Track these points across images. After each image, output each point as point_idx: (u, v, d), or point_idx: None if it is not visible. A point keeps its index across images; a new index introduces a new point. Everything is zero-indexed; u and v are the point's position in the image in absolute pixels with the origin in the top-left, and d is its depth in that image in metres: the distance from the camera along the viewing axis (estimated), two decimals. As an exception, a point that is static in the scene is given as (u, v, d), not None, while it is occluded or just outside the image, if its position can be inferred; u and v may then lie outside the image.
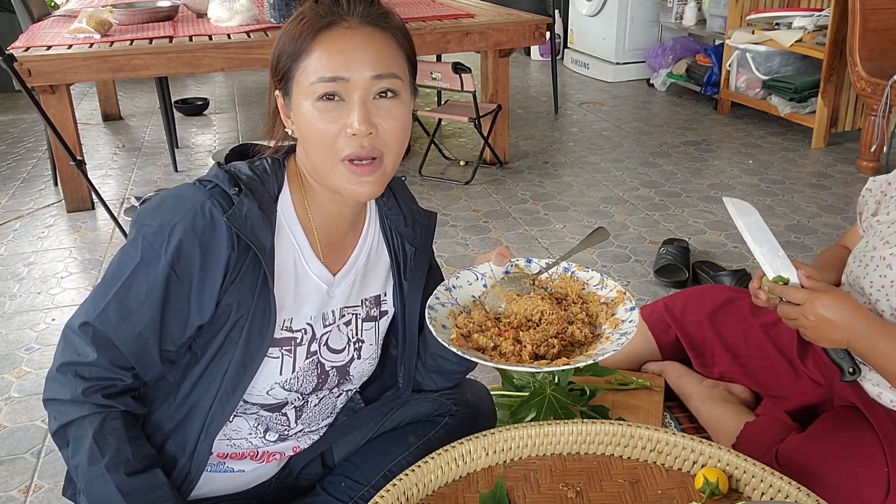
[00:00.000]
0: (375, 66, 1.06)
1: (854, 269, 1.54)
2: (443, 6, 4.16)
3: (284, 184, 1.17)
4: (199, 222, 1.06)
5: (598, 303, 1.21)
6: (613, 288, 1.23)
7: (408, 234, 1.29)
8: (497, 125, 3.89)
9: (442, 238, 3.15)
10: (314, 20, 1.06)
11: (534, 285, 1.25)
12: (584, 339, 1.16)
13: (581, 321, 1.18)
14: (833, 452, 1.31)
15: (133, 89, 5.79)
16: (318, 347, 1.22)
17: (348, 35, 1.06)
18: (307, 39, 1.06)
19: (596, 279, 1.25)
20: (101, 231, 3.30)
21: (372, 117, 1.06)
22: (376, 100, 1.07)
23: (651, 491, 1.19)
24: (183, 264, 1.06)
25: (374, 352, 1.32)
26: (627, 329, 1.13)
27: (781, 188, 3.65)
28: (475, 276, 1.24)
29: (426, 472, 1.16)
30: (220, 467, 1.28)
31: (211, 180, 1.11)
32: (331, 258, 1.22)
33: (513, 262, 1.26)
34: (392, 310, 1.32)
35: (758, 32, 4.38)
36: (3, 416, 2.08)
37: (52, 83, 3.18)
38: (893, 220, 1.51)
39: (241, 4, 3.66)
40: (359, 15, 1.07)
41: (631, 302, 1.19)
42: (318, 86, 1.05)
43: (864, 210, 1.62)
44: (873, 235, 1.53)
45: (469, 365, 1.33)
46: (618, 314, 1.18)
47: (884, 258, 1.45)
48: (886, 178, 1.61)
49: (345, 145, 1.07)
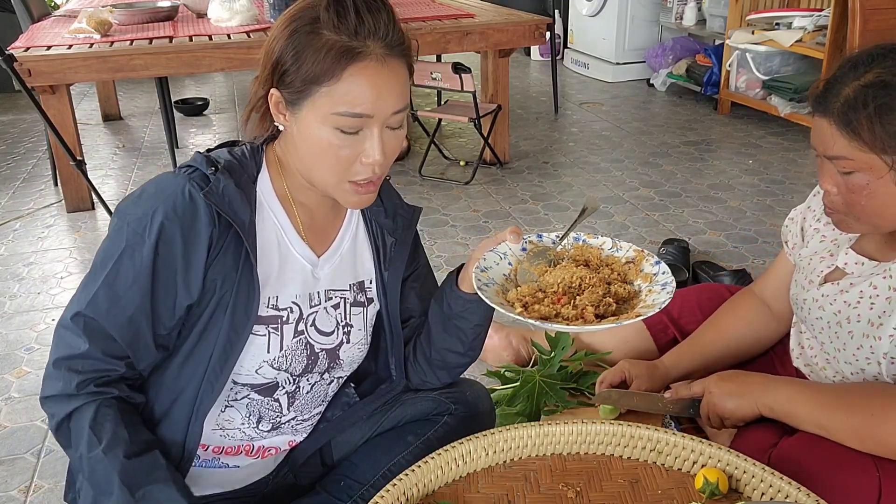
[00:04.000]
0: (397, 103, 1.10)
1: (798, 314, 1.55)
2: (443, 6, 4.16)
3: (263, 167, 1.20)
4: (179, 204, 1.09)
5: (621, 263, 1.25)
6: (629, 248, 1.27)
7: (387, 224, 1.32)
8: (497, 125, 3.89)
9: (442, 238, 3.15)
10: (339, 43, 1.05)
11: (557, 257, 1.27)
12: (627, 295, 1.19)
13: (616, 280, 1.21)
14: (824, 457, 1.31)
15: (133, 89, 5.79)
16: (304, 327, 1.24)
17: (377, 70, 1.07)
18: (335, 66, 1.05)
19: (609, 243, 1.28)
20: (101, 231, 3.30)
21: (384, 146, 1.11)
22: (387, 129, 1.11)
23: (651, 491, 1.19)
24: (167, 245, 1.08)
25: (364, 337, 1.34)
26: (665, 280, 1.18)
27: (781, 188, 3.65)
28: (498, 256, 1.26)
29: (426, 472, 1.16)
30: (216, 463, 1.28)
31: (190, 164, 1.15)
32: (315, 240, 1.24)
33: (526, 239, 1.29)
34: (376, 299, 1.34)
35: (758, 32, 4.38)
36: (3, 416, 2.08)
37: (52, 83, 3.18)
38: (813, 252, 1.50)
39: (241, 4, 3.66)
40: (384, 41, 1.08)
41: (653, 257, 1.23)
42: (342, 119, 1.07)
43: (790, 238, 1.60)
44: (800, 273, 1.53)
45: (473, 355, 1.35)
46: (646, 269, 1.23)
47: (816, 300, 1.45)
48: (801, 207, 1.60)
49: (359, 171, 1.12)
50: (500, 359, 2.09)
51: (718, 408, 1.47)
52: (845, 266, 1.42)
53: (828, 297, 1.43)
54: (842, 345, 1.42)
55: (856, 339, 1.38)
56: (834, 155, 1.26)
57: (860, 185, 1.25)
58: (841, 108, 1.23)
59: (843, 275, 1.43)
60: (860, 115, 1.21)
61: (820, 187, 1.35)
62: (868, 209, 1.28)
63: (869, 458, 1.29)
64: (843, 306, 1.40)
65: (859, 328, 1.38)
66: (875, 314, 1.35)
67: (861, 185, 1.25)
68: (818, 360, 1.51)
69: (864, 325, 1.37)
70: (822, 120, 1.27)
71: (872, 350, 1.36)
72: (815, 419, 1.36)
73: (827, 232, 1.50)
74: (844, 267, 1.42)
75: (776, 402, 1.41)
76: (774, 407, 1.41)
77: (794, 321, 1.62)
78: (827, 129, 1.26)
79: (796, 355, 1.59)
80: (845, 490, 1.27)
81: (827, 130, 1.26)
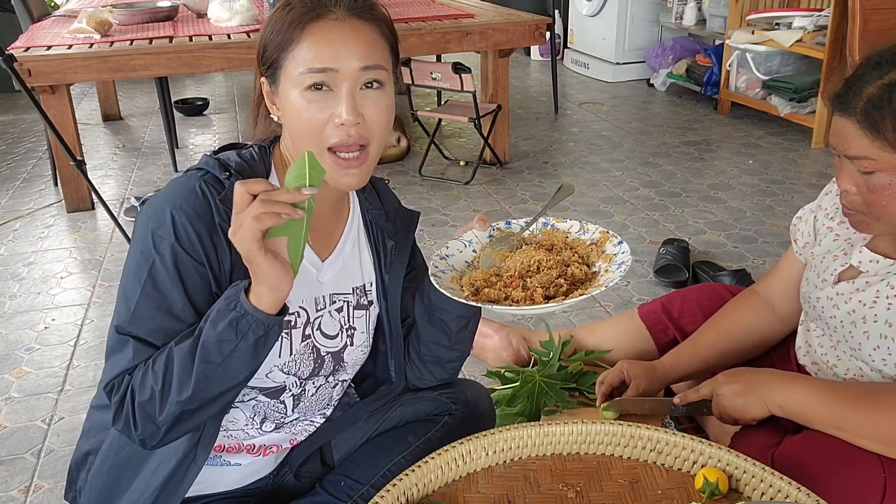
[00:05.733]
0: (363, 57, 1.09)
1: (809, 313, 1.54)
2: (443, 6, 4.16)
3: (272, 170, 1.21)
4: (196, 204, 1.09)
5: (585, 245, 1.25)
6: (595, 230, 1.27)
7: (388, 228, 1.32)
8: (497, 125, 3.89)
9: (442, 238, 3.15)
10: (302, 11, 1.09)
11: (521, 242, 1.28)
12: (584, 276, 1.19)
13: (576, 262, 1.22)
14: (829, 456, 1.31)
15: (133, 89, 5.79)
16: (311, 331, 1.25)
17: (337, 27, 1.09)
18: (296, 30, 1.08)
19: (576, 226, 1.28)
20: (101, 231, 3.30)
21: (359, 107, 1.10)
22: (363, 90, 1.11)
23: (651, 491, 1.19)
24: (191, 244, 1.09)
25: (366, 339, 1.34)
26: (623, 259, 1.18)
27: (781, 188, 3.65)
28: (462, 244, 1.27)
29: (426, 472, 1.16)
30: (217, 461, 1.29)
31: (202, 167, 1.14)
32: (318, 244, 1.24)
33: (494, 227, 1.30)
34: (377, 302, 1.34)
35: (758, 32, 4.38)
36: (3, 416, 2.08)
37: (52, 83, 3.18)
38: (826, 251, 1.50)
39: (241, 4, 3.66)
40: (346, 7, 1.10)
41: (616, 238, 1.23)
42: (307, 76, 1.08)
43: (800, 237, 1.60)
44: (812, 272, 1.53)
45: (460, 348, 1.34)
46: (607, 250, 1.22)
47: (830, 298, 1.45)
48: (812, 206, 1.59)
49: (332, 134, 1.10)
50: (500, 359, 2.09)
51: (729, 409, 1.47)
52: (860, 265, 1.41)
53: (843, 295, 1.42)
54: (857, 344, 1.41)
55: (872, 340, 1.37)
56: (855, 155, 1.24)
57: (882, 186, 1.24)
58: (864, 107, 1.21)
59: (858, 273, 1.42)
60: (884, 114, 1.19)
61: (838, 187, 1.33)
62: (890, 209, 1.26)
63: (875, 457, 1.29)
64: (857, 305, 1.39)
65: (876, 328, 1.37)
66: (893, 314, 1.34)
67: (883, 186, 1.24)
68: (828, 358, 1.50)
69: (882, 326, 1.36)
70: (843, 119, 1.25)
71: (890, 351, 1.35)
72: (832, 419, 1.34)
73: (841, 231, 1.49)
74: (859, 265, 1.41)
75: (788, 402, 1.40)
76: (786, 406, 1.40)
77: (802, 319, 1.61)
78: (849, 129, 1.24)
79: (803, 353, 1.59)
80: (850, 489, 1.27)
81: (849, 130, 1.24)
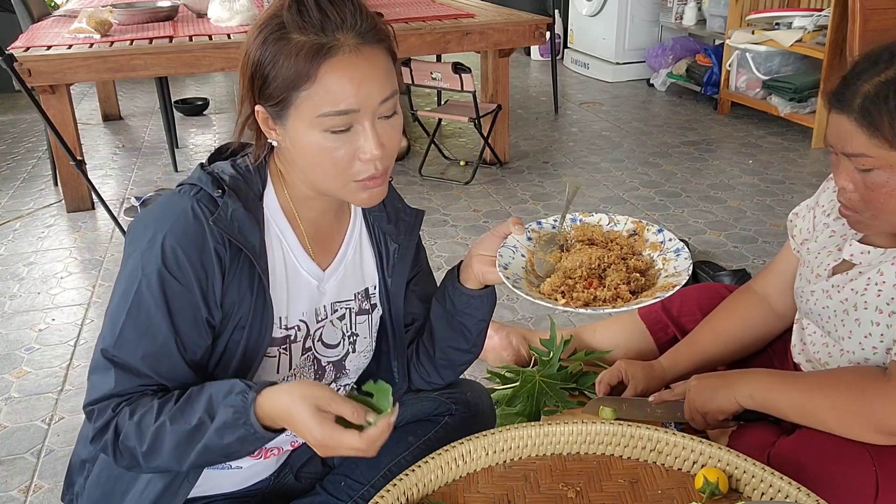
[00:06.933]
0: (381, 90, 1.05)
1: (802, 308, 1.54)
2: (443, 6, 4.16)
3: (268, 181, 1.17)
4: (187, 226, 1.06)
5: (625, 237, 1.25)
6: (627, 220, 1.27)
7: (391, 230, 1.29)
8: (497, 125, 3.89)
9: (442, 238, 3.15)
10: (309, 45, 1.01)
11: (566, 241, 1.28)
12: (644, 267, 1.20)
13: (628, 255, 1.22)
14: (820, 453, 1.31)
15: (133, 89, 5.79)
16: (312, 343, 1.23)
17: (352, 62, 1.02)
18: (308, 68, 1.01)
19: (605, 219, 1.29)
20: (101, 231, 3.30)
21: (380, 138, 1.06)
22: (380, 120, 1.07)
23: (651, 491, 1.19)
24: (180, 269, 1.06)
25: (369, 344, 1.33)
26: (676, 246, 1.20)
27: (781, 188, 3.65)
28: (510, 250, 1.24)
29: (426, 472, 1.16)
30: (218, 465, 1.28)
31: (195, 184, 1.11)
32: (319, 253, 1.22)
33: (529, 228, 1.28)
34: (380, 305, 1.33)
35: (758, 32, 4.38)
36: (3, 416, 2.08)
37: (52, 83, 3.18)
38: (821, 247, 1.50)
39: (241, 4, 3.66)
40: (353, 31, 1.03)
41: (653, 226, 1.25)
42: (328, 119, 1.03)
43: (797, 234, 1.60)
44: (805, 267, 1.52)
45: (476, 351, 1.35)
46: (651, 239, 1.24)
47: (825, 291, 1.45)
48: (810, 202, 1.59)
49: (361, 170, 1.07)
50: (500, 359, 2.09)
51: (697, 403, 1.47)
52: (851, 257, 1.41)
53: (837, 286, 1.42)
54: (848, 332, 1.41)
55: (864, 327, 1.37)
56: (852, 152, 1.24)
57: (879, 183, 1.24)
58: (861, 104, 1.21)
59: (851, 266, 1.42)
60: (881, 111, 1.19)
61: (835, 184, 1.33)
62: (887, 207, 1.26)
63: (865, 452, 1.29)
64: (850, 294, 1.39)
65: (867, 315, 1.37)
66: (883, 301, 1.34)
67: (880, 183, 1.24)
68: (821, 354, 1.50)
69: (872, 312, 1.36)
70: (840, 116, 1.25)
71: (882, 338, 1.35)
72: (798, 404, 1.35)
73: (836, 227, 1.49)
74: (851, 258, 1.42)
75: (755, 390, 1.41)
76: (754, 394, 1.41)
77: (797, 317, 1.62)
78: (846, 126, 1.23)
79: (798, 351, 1.59)
80: (843, 486, 1.27)
81: (846, 127, 1.23)
